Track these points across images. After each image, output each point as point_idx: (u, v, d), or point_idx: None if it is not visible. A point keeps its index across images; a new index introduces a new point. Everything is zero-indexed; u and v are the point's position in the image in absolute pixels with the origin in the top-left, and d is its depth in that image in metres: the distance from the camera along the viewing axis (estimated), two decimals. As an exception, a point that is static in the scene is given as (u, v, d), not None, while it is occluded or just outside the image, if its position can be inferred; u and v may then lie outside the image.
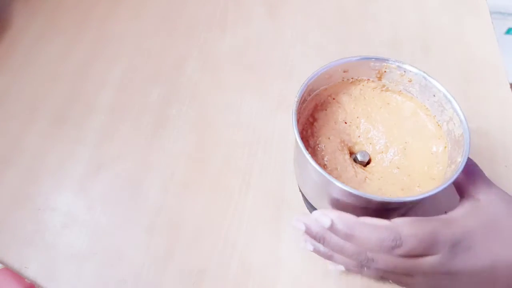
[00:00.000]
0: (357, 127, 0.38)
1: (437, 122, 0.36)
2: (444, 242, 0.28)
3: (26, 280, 0.37)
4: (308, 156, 0.31)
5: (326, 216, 0.29)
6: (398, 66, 0.36)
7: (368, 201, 0.29)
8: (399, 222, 0.28)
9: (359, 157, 0.36)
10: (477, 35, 0.55)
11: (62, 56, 0.53)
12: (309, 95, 0.37)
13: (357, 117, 0.38)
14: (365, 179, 0.35)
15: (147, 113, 0.48)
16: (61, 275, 0.39)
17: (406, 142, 0.37)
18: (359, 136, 0.38)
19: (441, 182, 0.32)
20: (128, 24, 0.56)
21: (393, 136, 0.37)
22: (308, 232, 0.30)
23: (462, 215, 0.30)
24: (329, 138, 0.37)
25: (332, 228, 0.29)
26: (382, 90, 0.39)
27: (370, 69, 0.37)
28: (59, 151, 0.46)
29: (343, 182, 0.30)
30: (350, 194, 0.29)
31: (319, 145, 0.36)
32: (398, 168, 0.36)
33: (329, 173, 0.31)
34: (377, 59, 0.37)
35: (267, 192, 0.43)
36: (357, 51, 0.35)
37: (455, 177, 0.30)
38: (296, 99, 0.34)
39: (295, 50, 0.54)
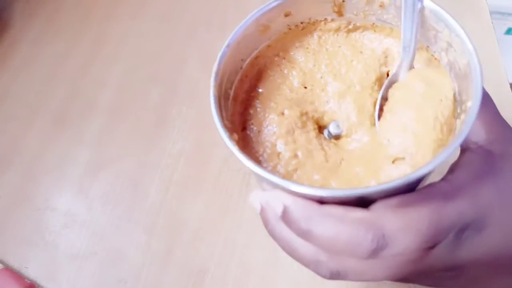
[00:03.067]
0: (322, 89, 0.28)
1: (432, 55, 0.26)
2: (447, 229, 0.19)
3: (26, 280, 0.37)
4: (232, 147, 0.22)
5: (279, 200, 0.20)
6: None
7: (335, 198, 0.20)
8: (380, 211, 0.19)
9: (332, 130, 0.27)
10: (477, 35, 0.55)
11: (62, 56, 0.53)
12: (242, 61, 0.27)
13: (321, 77, 0.28)
14: (341, 161, 0.25)
15: (147, 113, 0.48)
16: (61, 275, 0.39)
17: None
18: (327, 102, 0.27)
19: (446, 142, 0.23)
20: (128, 24, 0.56)
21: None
22: (261, 217, 0.23)
23: (468, 179, 0.21)
24: (282, 114, 0.27)
25: (284, 218, 0.20)
26: (348, 31, 0.28)
27: (322, 3, 0.26)
28: (59, 151, 0.46)
29: (303, 179, 0.22)
30: (304, 195, 0.20)
31: (269, 127, 0.26)
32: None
33: (287, 164, 0.24)
34: None
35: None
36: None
37: (465, 132, 0.19)
38: (212, 77, 0.26)
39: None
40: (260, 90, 0.28)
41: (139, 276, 0.38)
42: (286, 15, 0.27)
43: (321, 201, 0.20)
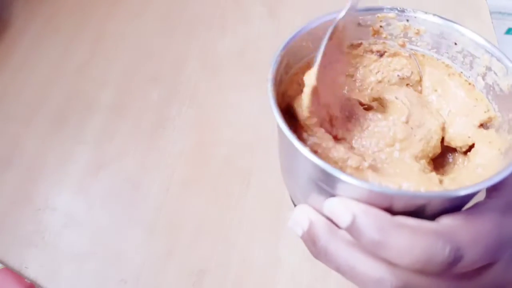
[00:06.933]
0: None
1: (466, 80, 0.26)
2: (508, 241, 0.20)
3: (26, 280, 0.37)
4: (296, 143, 0.21)
5: (346, 209, 0.19)
6: (398, 14, 0.26)
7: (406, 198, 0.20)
8: (450, 223, 0.19)
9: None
10: (477, 35, 0.55)
11: (62, 56, 0.53)
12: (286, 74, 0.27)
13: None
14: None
15: (147, 113, 0.48)
16: (61, 275, 0.39)
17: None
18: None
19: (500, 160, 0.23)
20: (128, 24, 0.56)
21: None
22: (309, 236, 0.21)
23: None
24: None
25: (352, 228, 0.19)
26: (381, 55, 0.29)
27: (363, 27, 0.27)
28: (59, 151, 0.46)
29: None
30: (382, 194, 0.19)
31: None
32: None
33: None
34: (367, 9, 0.27)
35: (267, 192, 0.43)
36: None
37: None
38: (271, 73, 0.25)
39: (295, 50, 0.54)
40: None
41: (139, 276, 0.38)
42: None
43: (387, 208, 0.20)
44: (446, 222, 0.19)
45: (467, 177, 0.24)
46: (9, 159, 0.45)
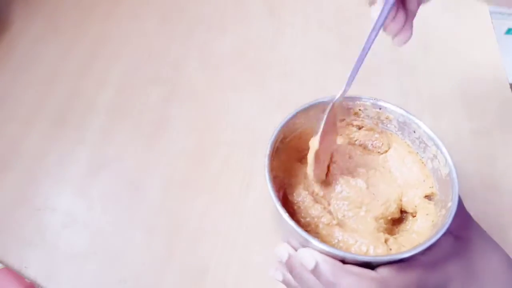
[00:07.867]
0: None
1: (420, 159, 0.34)
2: None
3: (26, 280, 0.37)
4: (280, 210, 0.29)
5: (312, 257, 0.27)
6: (373, 104, 0.34)
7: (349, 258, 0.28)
8: (385, 273, 0.27)
9: None
10: (477, 35, 0.55)
11: (62, 56, 0.53)
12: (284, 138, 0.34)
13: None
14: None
15: (147, 113, 0.48)
16: (61, 275, 0.39)
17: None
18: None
19: (430, 229, 0.31)
20: (128, 24, 0.56)
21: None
22: (288, 264, 0.29)
23: (441, 256, 0.29)
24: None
25: (315, 271, 0.27)
26: (359, 128, 0.36)
27: (345, 109, 0.35)
28: (59, 151, 0.46)
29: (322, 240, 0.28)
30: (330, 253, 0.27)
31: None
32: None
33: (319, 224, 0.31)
34: (350, 98, 0.34)
35: (267, 192, 0.42)
36: (356, 51, 0.34)
37: (447, 226, 0.28)
38: (268, 149, 0.30)
39: (295, 50, 0.54)
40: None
41: (139, 276, 0.38)
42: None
43: (342, 260, 0.27)
44: (382, 271, 0.27)
45: (406, 239, 0.31)
46: (9, 159, 0.45)
